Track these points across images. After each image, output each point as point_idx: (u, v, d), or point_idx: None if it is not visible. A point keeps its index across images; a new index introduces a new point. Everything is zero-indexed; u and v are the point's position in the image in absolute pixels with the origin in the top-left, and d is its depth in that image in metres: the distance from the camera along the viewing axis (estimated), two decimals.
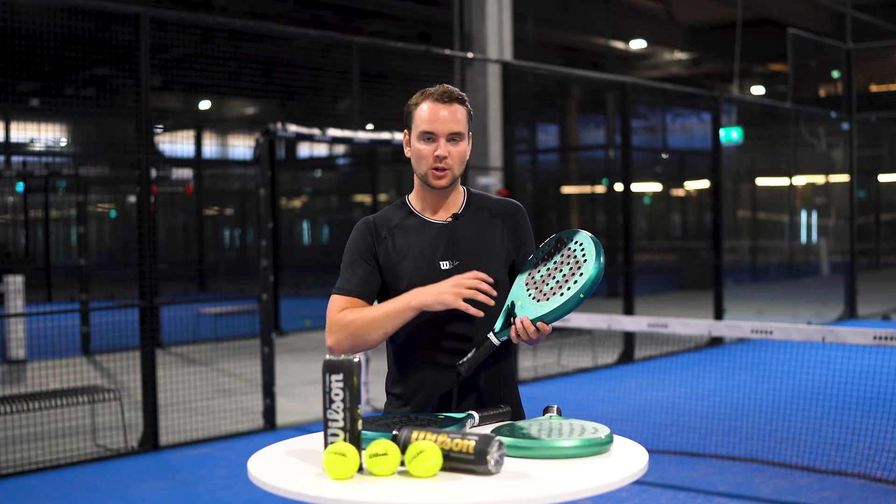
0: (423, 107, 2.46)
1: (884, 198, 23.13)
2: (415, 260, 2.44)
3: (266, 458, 2.10)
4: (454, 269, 2.43)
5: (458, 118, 2.45)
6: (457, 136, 2.45)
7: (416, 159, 2.46)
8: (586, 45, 19.32)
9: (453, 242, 2.47)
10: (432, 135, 2.44)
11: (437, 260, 2.45)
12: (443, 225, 2.49)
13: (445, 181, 2.45)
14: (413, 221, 2.50)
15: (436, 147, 2.43)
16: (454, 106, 2.45)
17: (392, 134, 7.59)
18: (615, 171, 17.49)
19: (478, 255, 2.46)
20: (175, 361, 10.01)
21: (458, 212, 2.51)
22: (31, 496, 5.35)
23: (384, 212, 2.56)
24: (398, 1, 15.41)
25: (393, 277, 2.45)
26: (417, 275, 2.42)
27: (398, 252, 2.46)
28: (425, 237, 2.47)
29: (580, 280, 2.26)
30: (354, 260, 2.48)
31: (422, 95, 2.48)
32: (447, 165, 2.44)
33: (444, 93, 2.46)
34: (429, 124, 2.43)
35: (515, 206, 2.59)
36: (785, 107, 13.51)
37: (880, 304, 14.18)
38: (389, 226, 2.50)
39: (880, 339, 4.87)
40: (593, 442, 2.06)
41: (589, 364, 9.42)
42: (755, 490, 5.11)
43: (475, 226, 2.50)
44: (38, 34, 6.28)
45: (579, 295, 2.26)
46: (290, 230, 22.67)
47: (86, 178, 11.11)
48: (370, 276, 2.46)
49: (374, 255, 2.48)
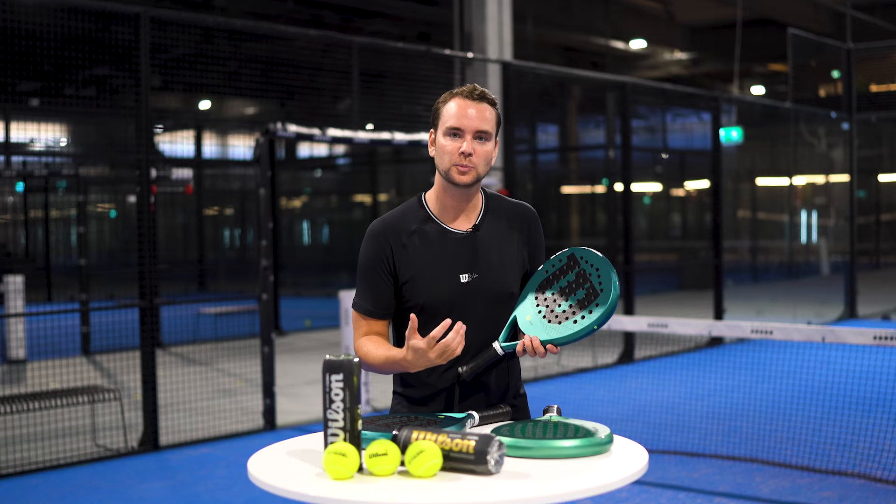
0: (451, 104, 2.40)
1: (884, 198, 23.12)
2: (434, 273, 2.40)
3: (266, 458, 2.10)
4: (473, 282, 2.40)
5: (487, 117, 2.39)
6: (484, 135, 2.39)
7: (440, 155, 2.40)
8: (586, 45, 19.32)
9: (473, 255, 2.42)
10: (459, 130, 2.37)
11: (457, 273, 2.40)
12: (463, 237, 2.44)
13: (468, 178, 2.38)
14: (431, 229, 2.43)
15: (461, 143, 2.37)
16: (483, 105, 2.40)
17: (392, 134, 7.59)
18: (615, 171, 17.46)
19: (496, 267, 2.43)
20: (175, 361, 10.00)
21: (477, 222, 2.46)
22: (31, 496, 5.35)
23: (399, 214, 2.48)
24: (398, 1, 15.41)
25: (411, 289, 2.40)
26: (438, 288, 2.39)
27: (416, 264, 2.40)
28: (445, 249, 2.42)
29: (595, 311, 2.26)
30: (368, 272, 2.43)
31: (450, 94, 2.43)
32: (472, 163, 2.37)
33: (474, 90, 2.40)
34: (456, 120, 2.37)
35: (531, 213, 2.54)
36: (785, 107, 13.51)
37: (880, 304, 14.17)
38: (407, 231, 2.43)
39: (880, 339, 4.87)
40: (593, 442, 2.06)
41: (589, 364, 9.41)
42: (755, 490, 5.11)
43: (494, 236, 2.46)
44: (38, 34, 6.28)
45: (593, 326, 2.25)
46: (290, 230, 22.65)
47: (86, 178, 11.11)
48: (384, 292, 2.41)
49: (388, 267, 2.41)
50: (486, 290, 2.41)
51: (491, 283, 2.41)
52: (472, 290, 2.40)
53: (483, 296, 2.40)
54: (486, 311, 2.40)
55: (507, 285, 2.43)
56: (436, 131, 2.44)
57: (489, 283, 2.41)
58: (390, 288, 2.42)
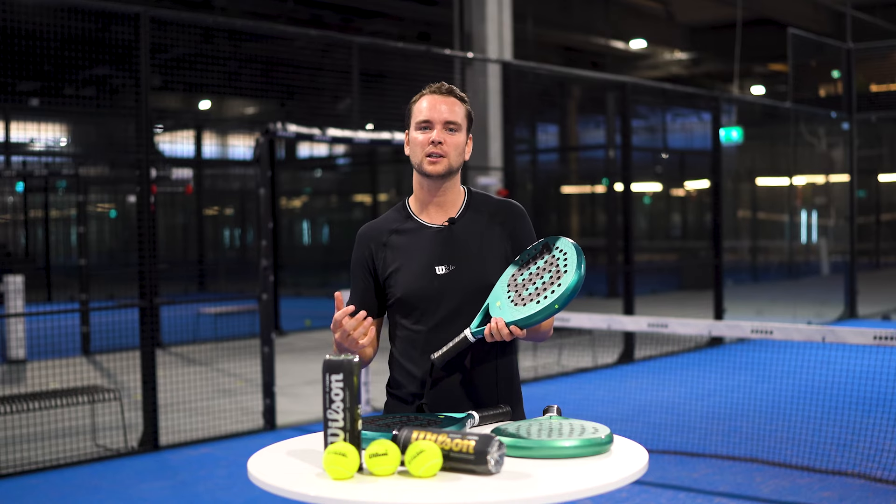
0: (422, 101, 2.48)
1: (884, 198, 23.13)
2: (411, 266, 2.45)
3: (266, 458, 2.10)
4: (451, 274, 2.44)
5: (456, 111, 2.46)
6: (454, 126, 2.45)
7: (413, 149, 2.47)
8: (586, 45, 19.33)
9: (450, 247, 2.46)
10: (429, 123, 2.44)
11: (432, 265, 2.44)
12: (439, 229, 2.48)
13: (440, 167, 2.43)
14: (410, 226, 2.50)
15: (431, 134, 2.43)
16: (452, 99, 2.47)
17: (392, 134, 7.59)
18: (615, 171, 17.48)
19: (474, 258, 2.46)
20: (175, 361, 10.00)
21: (454, 216, 2.50)
22: (31, 496, 5.35)
23: (383, 217, 2.57)
24: (398, 1, 15.41)
25: (391, 285, 2.47)
26: (413, 280, 2.43)
27: (395, 260, 2.47)
28: (421, 242, 2.47)
29: (557, 291, 2.28)
30: (354, 273, 2.55)
31: (420, 94, 2.51)
32: (443, 152, 2.42)
33: (443, 87, 2.48)
34: (426, 113, 2.45)
35: (514, 207, 2.57)
36: (785, 107, 13.51)
37: (880, 304, 14.17)
38: (388, 231, 2.51)
39: (880, 339, 4.87)
40: (593, 442, 2.06)
41: (589, 364, 9.41)
42: (755, 490, 5.11)
43: (473, 229, 2.49)
44: (38, 34, 6.28)
45: (554, 305, 2.27)
46: (290, 230, 22.66)
47: (86, 178, 11.11)
48: (367, 290, 2.52)
49: (370, 267, 2.50)
50: (463, 281, 2.44)
51: (468, 274, 2.44)
52: (449, 282, 2.43)
53: (461, 287, 2.43)
54: (464, 303, 2.42)
55: (486, 277, 2.44)
56: (409, 130, 2.51)
57: (466, 275, 2.44)
58: (371, 287, 2.51)
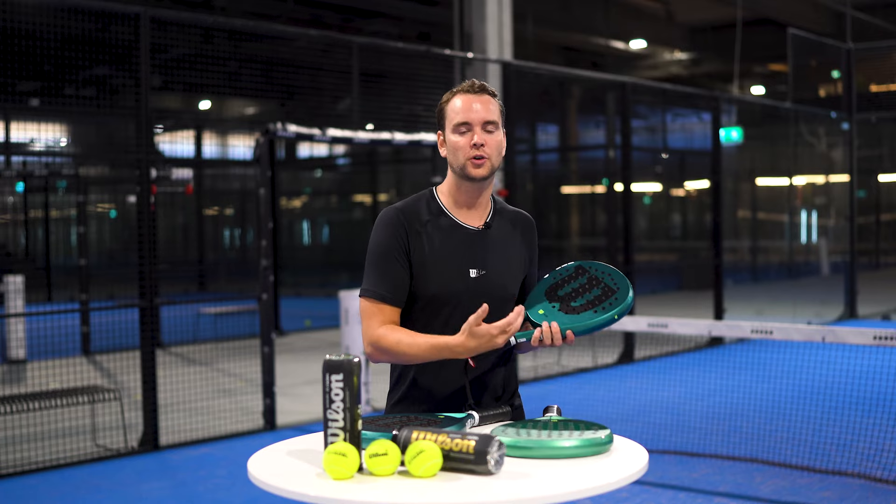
0: (455, 101, 2.44)
1: (884, 198, 23.12)
2: (446, 264, 2.42)
3: (266, 458, 2.10)
4: (481, 278, 2.43)
5: (491, 109, 2.43)
6: (491, 126, 2.42)
7: (453, 152, 2.42)
8: (586, 45, 19.32)
9: (483, 251, 2.45)
10: (467, 125, 2.41)
11: (467, 267, 2.43)
12: (475, 232, 2.47)
13: (485, 170, 2.41)
14: (445, 222, 2.46)
15: (472, 136, 2.40)
16: (486, 97, 2.44)
17: (392, 134, 7.58)
18: (615, 171, 17.46)
19: (503, 266, 2.47)
20: (175, 361, 10.00)
21: (488, 220, 2.50)
22: (31, 496, 5.35)
23: (412, 202, 2.49)
24: (398, 1, 15.41)
25: (422, 277, 2.41)
26: (449, 280, 2.41)
27: (429, 254, 2.41)
28: (457, 242, 2.44)
29: (614, 303, 2.34)
30: (385, 257, 2.41)
31: (452, 93, 2.47)
32: (485, 154, 2.40)
33: (474, 85, 2.45)
34: (462, 115, 2.41)
35: (531, 221, 2.61)
36: (785, 107, 13.51)
37: (880, 304, 14.17)
38: (421, 220, 2.44)
39: (880, 339, 4.87)
40: (593, 442, 2.06)
41: (589, 364, 9.41)
42: (755, 490, 5.11)
43: (502, 236, 2.51)
44: (38, 34, 6.27)
45: (614, 316, 2.33)
46: (290, 230, 22.65)
47: (86, 178, 11.11)
48: (402, 278, 2.40)
49: (405, 251, 2.41)
50: (491, 287, 2.44)
51: (497, 280, 2.45)
52: (479, 286, 2.43)
53: (488, 292, 2.42)
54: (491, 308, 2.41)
55: (509, 285, 2.48)
56: (444, 132, 2.47)
57: (495, 281, 2.45)
58: (407, 272, 2.41)
